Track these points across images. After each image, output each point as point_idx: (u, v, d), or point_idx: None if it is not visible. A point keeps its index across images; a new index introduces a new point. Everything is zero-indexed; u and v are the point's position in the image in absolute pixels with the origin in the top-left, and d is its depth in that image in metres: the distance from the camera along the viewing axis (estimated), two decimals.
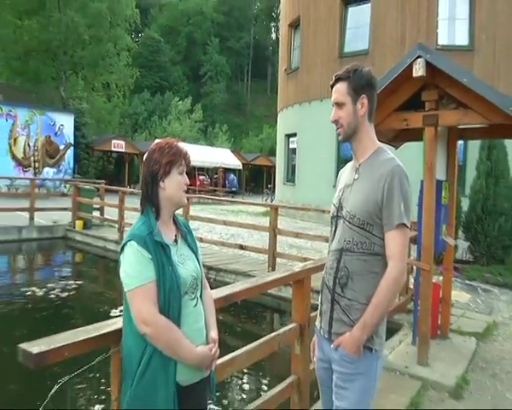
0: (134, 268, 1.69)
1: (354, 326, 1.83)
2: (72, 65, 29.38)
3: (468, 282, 8.33)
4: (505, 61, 13.47)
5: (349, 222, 1.88)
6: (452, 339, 5.48)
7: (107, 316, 6.69)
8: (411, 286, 6.11)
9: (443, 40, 13.79)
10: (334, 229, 1.97)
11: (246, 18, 67.50)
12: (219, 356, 1.96)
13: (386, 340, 5.12)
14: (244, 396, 5.04)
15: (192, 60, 60.35)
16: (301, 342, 3.29)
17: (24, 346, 1.61)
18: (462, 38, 13.76)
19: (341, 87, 1.91)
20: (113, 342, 1.84)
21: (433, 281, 5.24)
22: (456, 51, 13.30)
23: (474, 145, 10.25)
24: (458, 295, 7.45)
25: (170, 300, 1.70)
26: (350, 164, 2.06)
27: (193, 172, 30.38)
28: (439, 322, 5.48)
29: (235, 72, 66.57)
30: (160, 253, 1.72)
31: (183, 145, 1.94)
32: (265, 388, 5.04)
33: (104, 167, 30.77)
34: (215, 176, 33.51)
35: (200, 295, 1.88)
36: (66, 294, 7.96)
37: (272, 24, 77.11)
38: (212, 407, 4.39)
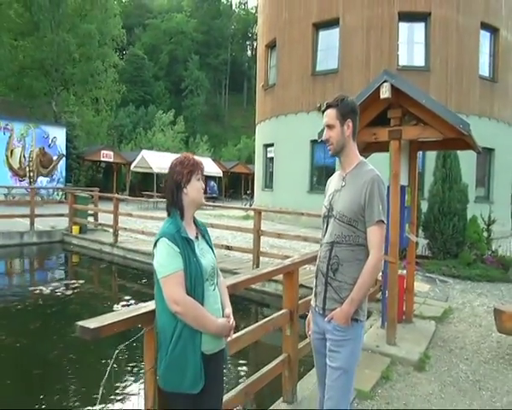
0: (165, 259, 1.93)
1: (344, 302, 2.13)
2: (63, 81, 28.98)
3: (427, 274, 8.61)
4: (456, 80, 14.12)
5: (339, 220, 2.18)
6: (415, 323, 5.78)
7: (111, 310, 6.86)
8: (380, 278, 6.44)
9: (403, 61, 14.28)
10: (325, 226, 2.27)
11: (223, 37, 67.61)
12: None
13: None
14: (242, 373, 5.30)
15: (174, 75, 60.08)
16: (291, 326, 3.53)
17: (81, 323, 1.85)
18: (419, 60, 14.29)
19: (331, 113, 2.22)
20: (147, 321, 2.07)
21: (399, 273, 5.60)
22: (414, 71, 13.85)
23: (432, 155, 10.69)
24: (420, 286, 7.75)
25: (195, 285, 1.96)
26: (337, 173, 2.37)
27: None
28: (404, 309, 5.76)
29: (214, 86, 66.61)
30: (186, 247, 1.97)
31: (197, 157, 2.21)
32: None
33: (94, 176, 30.45)
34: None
35: (217, 283, 2.15)
36: (71, 292, 8.06)
37: (247, 42, 77.53)
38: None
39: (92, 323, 1.85)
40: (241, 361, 5.66)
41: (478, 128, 13.22)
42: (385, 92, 4.38)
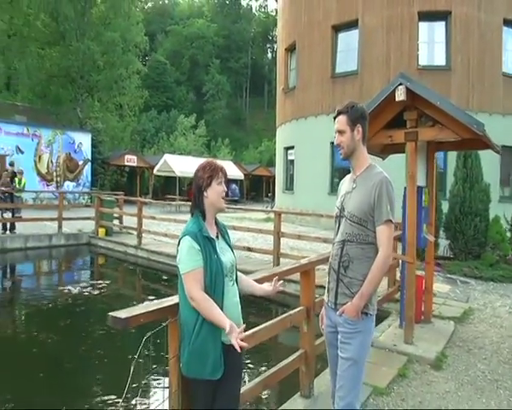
0: (186, 257, 2.10)
1: (354, 297, 2.27)
2: (88, 88, 29.83)
3: (448, 275, 8.55)
4: (478, 79, 13.94)
5: (350, 220, 2.32)
6: (434, 323, 5.78)
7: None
8: (398, 279, 6.48)
9: (423, 61, 14.19)
10: (337, 226, 2.41)
11: (244, 40, 68.05)
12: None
13: (377, 325, 5.57)
14: (261, 369, 5.46)
15: (195, 79, 60.80)
16: (308, 323, 3.67)
17: (112, 313, 2.05)
18: (440, 59, 14.18)
19: (342, 119, 2.36)
20: (171, 313, 2.25)
21: (418, 274, 5.64)
22: (435, 71, 13.75)
23: (453, 155, 10.64)
24: (440, 286, 7.72)
25: (216, 280, 2.12)
26: (348, 176, 2.51)
27: None
28: (423, 309, 5.77)
29: (235, 89, 67.05)
30: (207, 245, 2.14)
31: (220, 162, 2.37)
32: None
33: (118, 180, 31.16)
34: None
35: (236, 279, 2.31)
36: (97, 292, 8.39)
37: (268, 45, 77.80)
38: None
39: (122, 313, 2.04)
40: (259, 358, 5.81)
41: (501, 126, 13.14)
42: (400, 95, 4.46)
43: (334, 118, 2.40)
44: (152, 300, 7.97)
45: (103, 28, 29.57)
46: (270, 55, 75.83)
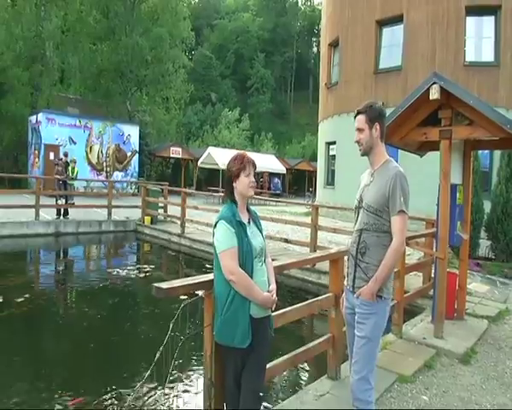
0: (223, 237, 2.38)
1: (370, 281, 2.49)
2: (136, 82, 30.93)
3: (488, 276, 8.39)
4: None
5: (367, 210, 2.55)
6: (467, 321, 5.80)
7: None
8: (433, 275, 6.54)
9: (470, 57, 13.81)
10: (356, 216, 2.64)
11: (289, 34, 67.76)
12: (275, 310, 2.62)
13: (409, 320, 5.67)
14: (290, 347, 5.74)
15: (240, 73, 61.33)
16: (336, 309, 3.88)
17: (156, 284, 2.39)
18: (488, 55, 13.76)
19: (361, 118, 2.59)
20: (207, 287, 2.57)
21: (451, 271, 5.69)
22: (482, 67, 13.36)
23: (499, 154, 10.38)
24: (478, 286, 7.65)
25: (246, 260, 2.40)
26: (367, 171, 2.74)
27: None
28: (456, 306, 5.80)
29: (279, 83, 67.03)
30: (240, 229, 2.41)
31: (249, 155, 2.61)
32: None
33: (163, 171, 32.16)
34: (261, 179, 34.15)
35: (264, 260, 2.58)
36: (143, 275, 8.97)
37: (313, 39, 77.01)
38: None
39: (164, 285, 2.39)
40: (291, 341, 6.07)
41: None
42: (434, 94, 4.55)
43: (354, 117, 2.62)
44: None
45: (151, 24, 30.54)
46: (315, 49, 75.05)
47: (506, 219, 8.83)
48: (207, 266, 10.09)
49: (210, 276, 2.60)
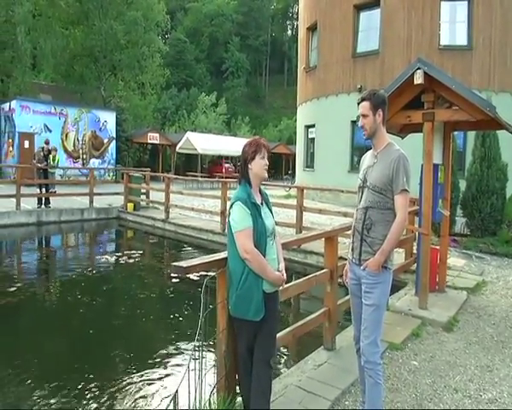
0: (239, 217, 2.53)
1: (376, 253, 2.71)
2: (111, 67, 30.31)
3: (464, 251, 8.80)
4: (500, 58, 13.88)
5: (372, 189, 2.75)
6: (448, 292, 6.18)
7: (168, 274, 7.81)
8: (415, 251, 6.79)
9: (445, 41, 14.14)
10: (360, 194, 2.85)
11: (263, 17, 67.26)
12: None
13: (394, 294, 5.97)
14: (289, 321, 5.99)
15: (214, 57, 60.77)
16: (331, 283, 4.12)
17: (175, 263, 2.55)
18: (461, 39, 14.13)
19: (365, 104, 2.77)
20: (221, 265, 2.73)
21: (432, 247, 6.00)
22: (456, 51, 13.74)
23: (472, 135, 10.75)
24: (456, 261, 8.02)
25: (260, 239, 2.56)
26: (369, 152, 2.93)
27: (219, 160, 31.07)
28: (437, 279, 6.15)
29: (255, 67, 66.70)
30: (254, 210, 2.56)
31: (263, 140, 2.74)
32: None
33: (141, 158, 31.81)
34: (238, 164, 34.00)
35: (274, 239, 2.76)
36: (132, 260, 9.04)
37: (288, 22, 76.75)
38: None
39: (183, 263, 2.54)
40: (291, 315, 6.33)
41: None
42: (418, 78, 4.79)
43: (358, 104, 2.80)
44: None
45: (125, 7, 29.81)
46: (290, 32, 74.88)
47: (481, 196, 9.22)
48: (190, 249, 10.23)
49: (223, 254, 2.75)
